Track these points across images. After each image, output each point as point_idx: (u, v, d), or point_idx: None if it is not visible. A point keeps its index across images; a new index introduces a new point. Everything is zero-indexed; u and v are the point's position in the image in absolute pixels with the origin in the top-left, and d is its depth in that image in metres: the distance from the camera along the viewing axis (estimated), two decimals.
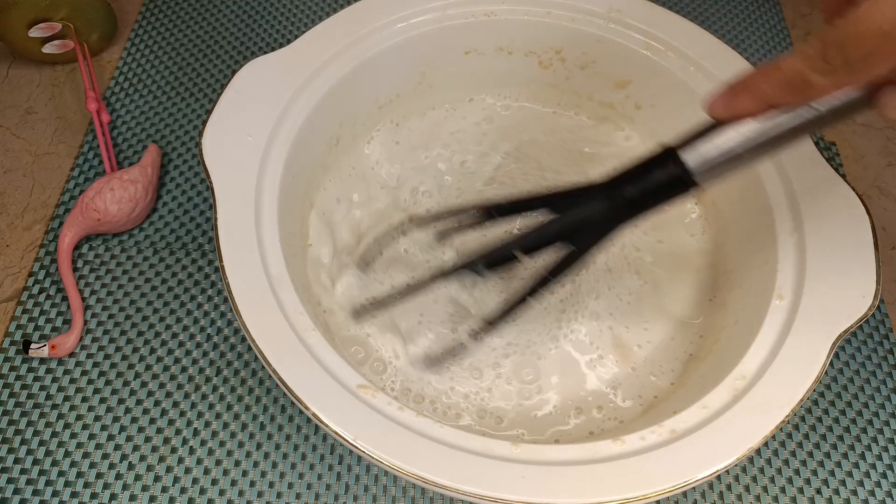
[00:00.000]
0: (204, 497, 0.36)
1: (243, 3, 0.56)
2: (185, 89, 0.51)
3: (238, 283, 0.32)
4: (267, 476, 0.37)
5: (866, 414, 0.40)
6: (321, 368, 0.31)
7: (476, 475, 0.28)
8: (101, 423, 0.38)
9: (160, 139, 0.48)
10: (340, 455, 0.37)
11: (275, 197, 0.36)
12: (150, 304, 0.42)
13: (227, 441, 0.38)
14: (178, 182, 0.46)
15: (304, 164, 0.40)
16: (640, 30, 0.42)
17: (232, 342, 0.40)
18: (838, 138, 0.51)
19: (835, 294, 0.33)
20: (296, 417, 0.38)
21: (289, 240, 0.36)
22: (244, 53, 0.53)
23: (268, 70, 0.38)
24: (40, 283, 0.42)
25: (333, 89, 0.40)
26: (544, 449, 0.29)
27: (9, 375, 0.39)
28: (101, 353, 0.40)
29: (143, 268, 0.43)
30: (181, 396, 0.39)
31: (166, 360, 0.40)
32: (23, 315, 0.41)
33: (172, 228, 0.44)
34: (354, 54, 0.40)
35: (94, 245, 0.44)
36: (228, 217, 0.34)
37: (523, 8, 0.43)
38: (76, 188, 0.46)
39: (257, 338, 0.31)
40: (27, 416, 0.38)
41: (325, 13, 0.56)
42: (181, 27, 0.55)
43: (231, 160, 0.35)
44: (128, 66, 0.52)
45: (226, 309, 0.41)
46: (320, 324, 0.35)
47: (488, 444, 0.29)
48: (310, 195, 0.42)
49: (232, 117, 0.37)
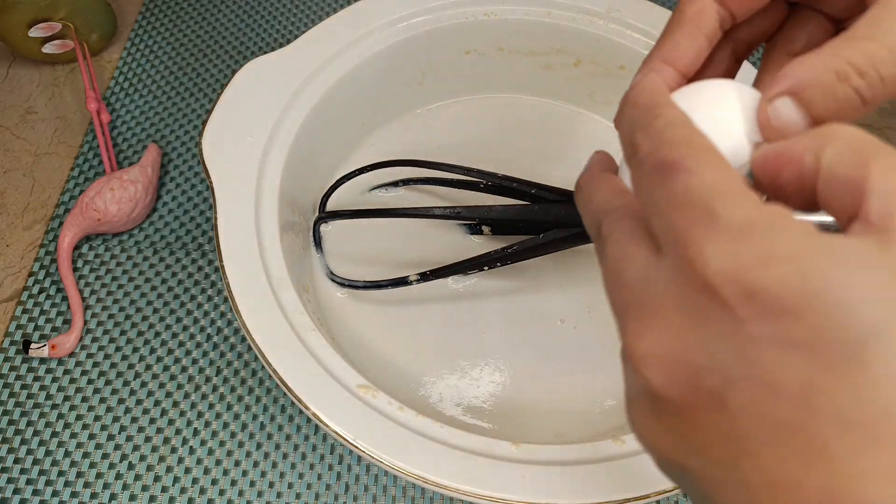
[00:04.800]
0: (204, 497, 0.36)
1: (243, 3, 0.56)
2: (185, 89, 0.51)
3: (238, 283, 0.32)
4: (267, 476, 0.37)
5: None
6: (321, 368, 0.31)
7: (476, 475, 0.28)
8: (101, 423, 0.38)
9: (160, 139, 0.48)
10: (340, 455, 0.37)
11: (275, 197, 0.36)
12: (150, 304, 0.42)
13: (227, 441, 0.38)
14: (178, 182, 0.46)
15: (305, 163, 0.40)
16: (641, 30, 0.42)
17: (232, 342, 0.40)
18: None
19: None
20: (296, 417, 0.38)
21: (289, 240, 0.36)
22: (244, 53, 0.53)
23: (268, 70, 0.38)
24: (40, 283, 0.42)
25: (333, 89, 0.40)
26: (544, 449, 0.29)
27: (9, 375, 0.39)
28: (101, 353, 0.40)
29: (143, 268, 0.43)
30: (181, 396, 0.39)
31: (166, 360, 0.40)
32: (23, 315, 0.41)
33: (172, 228, 0.44)
34: (354, 54, 0.40)
35: (94, 245, 0.44)
36: (228, 217, 0.34)
37: (523, 8, 0.43)
38: (76, 188, 0.46)
39: (257, 338, 0.31)
40: (27, 416, 0.38)
41: (325, 13, 0.56)
42: (181, 27, 0.55)
43: (231, 160, 0.35)
44: (128, 65, 0.52)
45: (226, 309, 0.41)
46: (320, 324, 0.35)
47: (488, 444, 0.29)
48: (310, 195, 0.42)
49: (232, 117, 0.37)
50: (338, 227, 0.42)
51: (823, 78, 0.18)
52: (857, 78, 0.18)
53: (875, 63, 0.17)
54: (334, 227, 0.42)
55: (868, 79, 0.18)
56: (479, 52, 0.45)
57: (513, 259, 0.37)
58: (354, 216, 0.41)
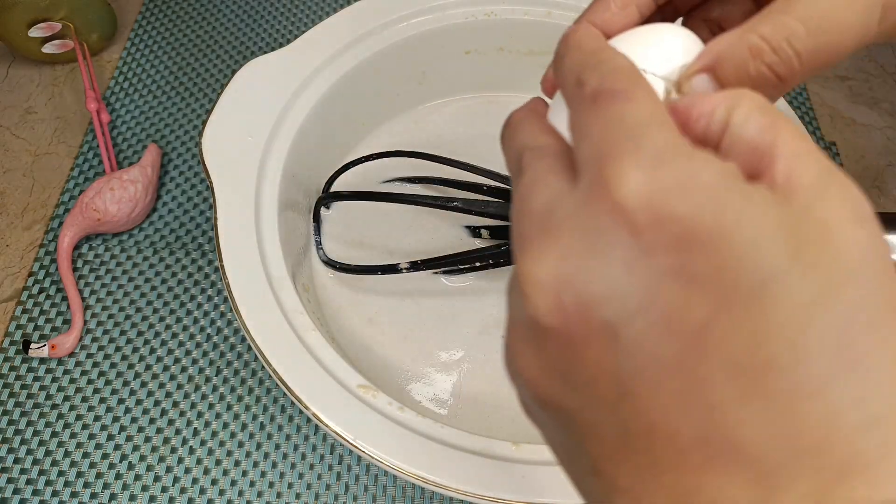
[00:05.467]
0: (204, 497, 0.36)
1: (243, 3, 0.56)
2: (185, 89, 0.51)
3: (238, 283, 0.32)
4: (267, 476, 0.37)
5: None
6: (321, 368, 0.31)
7: (476, 475, 0.28)
8: (100, 423, 0.38)
9: (160, 139, 0.48)
10: (340, 455, 0.37)
11: (275, 197, 0.36)
12: (150, 304, 0.42)
13: (226, 441, 0.38)
14: (178, 182, 0.46)
15: (304, 163, 0.40)
16: None
17: (232, 342, 0.40)
18: (838, 138, 0.51)
19: None
20: (296, 417, 0.38)
21: (289, 240, 0.36)
22: (244, 53, 0.53)
23: (268, 70, 0.38)
24: (40, 283, 0.42)
25: (333, 89, 0.40)
26: (544, 449, 0.29)
27: (9, 375, 0.39)
28: (101, 353, 0.40)
29: (143, 268, 0.43)
30: (181, 396, 0.39)
31: (166, 360, 0.40)
32: (23, 315, 0.41)
33: (172, 228, 0.44)
34: (354, 54, 0.40)
35: (94, 245, 0.44)
36: (228, 217, 0.34)
37: (523, 8, 0.43)
38: (76, 188, 0.46)
39: (257, 338, 0.31)
40: (27, 416, 0.38)
41: (325, 13, 0.56)
42: (181, 27, 0.54)
43: (231, 160, 0.35)
44: (128, 66, 0.52)
45: (226, 309, 0.41)
46: (320, 324, 0.35)
47: (488, 444, 0.29)
48: (310, 195, 0.42)
49: (232, 117, 0.37)
50: (338, 214, 0.42)
51: (737, 54, 0.18)
52: (771, 54, 0.17)
53: (788, 37, 0.17)
54: (335, 213, 0.42)
55: (782, 54, 0.18)
56: (479, 52, 0.45)
57: (504, 258, 0.37)
58: (353, 198, 0.41)
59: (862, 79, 0.55)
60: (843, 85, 0.54)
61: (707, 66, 0.18)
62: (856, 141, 0.52)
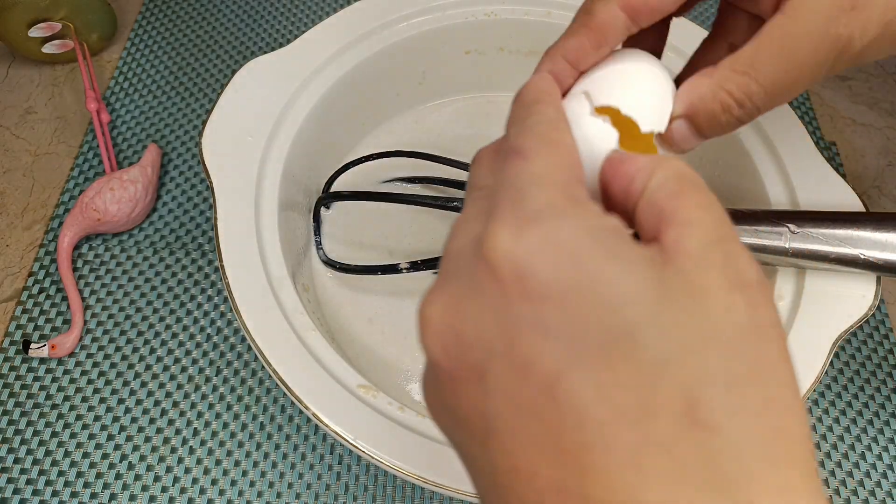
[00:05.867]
0: (204, 497, 0.36)
1: (243, 3, 0.56)
2: (185, 89, 0.51)
3: (238, 283, 0.32)
4: (266, 476, 0.37)
5: (866, 414, 0.40)
6: (321, 368, 0.31)
7: None
8: (100, 423, 0.38)
9: (160, 139, 0.48)
10: (340, 455, 0.37)
11: (275, 197, 0.36)
12: (150, 304, 0.42)
13: (226, 441, 0.38)
14: (178, 182, 0.46)
15: (304, 163, 0.40)
16: None
17: (232, 342, 0.40)
18: (838, 138, 0.51)
19: (835, 294, 0.33)
20: (296, 417, 0.38)
21: (289, 239, 0.36)
22: (244, 53, 0.53)
23: (268, 70, 0.38)
24: (40, 283, 0.42)
25: (333, 89, 0.40)
26: None
27: (9, 375, 0.39)
28: (101, 353, 0.40)
29: (143, 268, 0.43)
30: (181, 396, 0.39)
31: (166, 360, 0.40)
32: (23, 315, 0.41)
33: (172, 228, 0.44)
34: (354, 54, 0.40)
35: (94, 245, 0.44)
36: (228, 217, 0.34)
37: (523, 8, 0.43)
38: (76, 188, 0.46)
39: (257, 338, 0.31)
40: (27, 416, 0.38)
41: (325, 13, 0.56)
42: (181, 27, 0.55)
43: (231, 160, 0.35)
44: (128, 65, 0.52)
45: (226, 309, 0.41)
46: (320, 324, 0.35)
47: None
48: (310, 195, 0.42)
49: (232, 117, 0.37)
50: (338, 214, 0.42)
51: (710, 107, 0.22)
52: (737, 108, 0.22)
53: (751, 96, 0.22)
54: (335, 213, 0.42)
55: (746, 108, 0.22)
56: (479, 52, 0.45)
57: None
58: (353, 198, 0.41)
59: (862, 79, 0.55)
60: (843, 85, 0.54)
61: (685, 114, 0.22)
62: (856, 141, 0.52)
